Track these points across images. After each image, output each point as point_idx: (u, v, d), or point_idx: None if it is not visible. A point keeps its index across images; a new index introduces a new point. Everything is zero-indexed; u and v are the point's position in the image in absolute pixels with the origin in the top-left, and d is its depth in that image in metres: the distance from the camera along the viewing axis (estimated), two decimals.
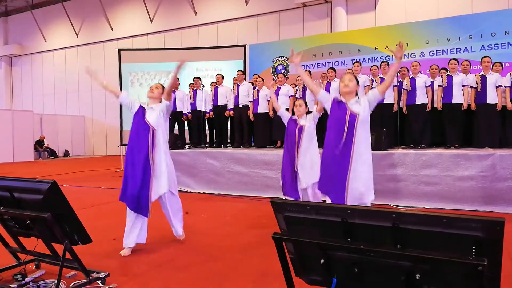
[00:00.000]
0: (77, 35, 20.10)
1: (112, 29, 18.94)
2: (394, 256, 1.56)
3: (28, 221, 2.57)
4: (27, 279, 2.84)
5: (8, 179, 2.63)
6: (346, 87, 3.30)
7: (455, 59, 6.49)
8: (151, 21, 17.83)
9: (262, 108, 7.73)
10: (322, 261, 1.71)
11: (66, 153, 18.89)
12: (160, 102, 3.74)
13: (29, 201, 2.53)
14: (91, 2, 19.23)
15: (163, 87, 3.83)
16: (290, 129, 4.42)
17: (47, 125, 18.61)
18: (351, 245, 1.61)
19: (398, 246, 1.54)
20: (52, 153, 17.96)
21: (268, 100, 7.71)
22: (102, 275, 2.74)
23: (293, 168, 4.33)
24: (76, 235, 2.59)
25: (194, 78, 8.41)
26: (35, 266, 3.11)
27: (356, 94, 3.38)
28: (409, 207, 5.35)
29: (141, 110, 3.67)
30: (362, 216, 1.58)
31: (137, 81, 11.31)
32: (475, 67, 8.01)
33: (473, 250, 1.45)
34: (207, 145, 8.22)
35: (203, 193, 6.96)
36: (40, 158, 17.31)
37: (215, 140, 8.41)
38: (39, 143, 17.64)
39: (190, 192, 7.08)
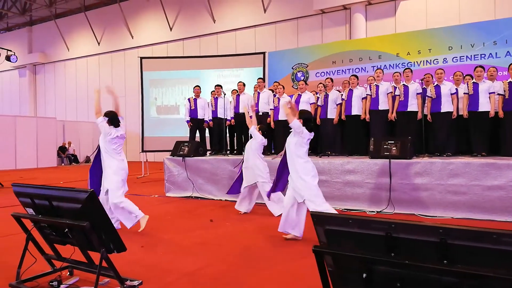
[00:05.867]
0: (98, 44, 20.57)
1: (132, 37, 19.32)
2: (440, 272, 1.54)
3: (66, 229, 2.63)
4: (62, 286, 2.91)
5: (47, 188, 2.70)
6: None
7: (481, 66, 6.37)
8: (171, 29, 18.12)
9: (283, 115, 7.73)
10: (364, 275, 1.70)
11: (88, 159, 19.25)
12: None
13: (67, 210, 2.59)
14: (112, 11, 19.69)
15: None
16: None
17: (69, 131, 19.04)
18: (395, 259, 1.59)
19: (445, 261, 1.52)
20: (74, 159, 18.33)
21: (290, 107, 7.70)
22: (135, 283, 2.78)
23: None
24: (112, 243, 2.64)
25: (215, 86, 8.48)
26: (69, 273, 3.17)
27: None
28: (435, 217, 5.26)
29: None
30: (407, 230, 1.56)
31: (159, 91, 11.52)
32: (500, 73, 7.85)
33: None
34: (228, 152, 8.27)
35: (225, 200, 6.99)
36: (63, 164, 17.69)
37: (235, 147, 8.45)
38: (62, 149, 18.05)
39: (212, 199, 7.12)
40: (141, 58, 11.80)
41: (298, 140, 4.18)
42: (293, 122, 4.10)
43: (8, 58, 16.98)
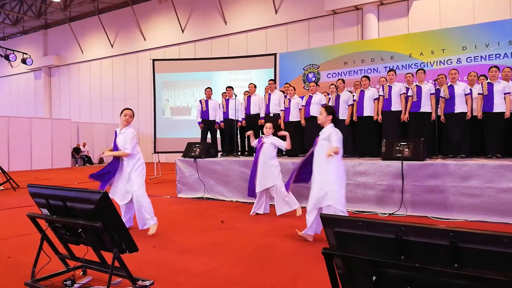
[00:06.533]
0: (112, 46, 20.84)
1: (145, 39, 19.52)
2: (450, 275, 1.53)
3: (80, 230, 2.68)
4: (75, 285, 2.96)
5: (61, 189, 2.76)
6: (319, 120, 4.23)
7: (496, 66, 6.27)
8: (183, 31, 18.26)
9: (294, 116, 7.73)
10: (374, 278, 1.69)
11: (101, 160, 19.51)
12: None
13: (80, 210, 2.64)
14: (125, 14, 19.94)
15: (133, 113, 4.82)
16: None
17: (83, 132, 19.33)
18: (405, 262, 1.59)
19: (455, 265, 1.51)
20: (88, 160, 18.60)
21: (300, 109, 7.71)
22: (147, 283, 2.82)
23: None
24: (124, 243, 2.68)
25: (226, 87, 8.53)
26: (82, 273, 3.22)
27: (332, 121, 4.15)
28: (449, 219, 5.19)
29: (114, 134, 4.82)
30: (417, 233, 1.55)
31: (171, 92, 11.64)
32: None
33: None
34: (239, 153, 8.30)
35: (236, 201, 7.01)
36: (77, 165, 17.96)
37: (246, 149, 8.48)
38: (76, 150, 18.33)
39: (223, 200, 7.16)
40: (154, 60, 11.92)
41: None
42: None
43: (24, 61, 17.33)
